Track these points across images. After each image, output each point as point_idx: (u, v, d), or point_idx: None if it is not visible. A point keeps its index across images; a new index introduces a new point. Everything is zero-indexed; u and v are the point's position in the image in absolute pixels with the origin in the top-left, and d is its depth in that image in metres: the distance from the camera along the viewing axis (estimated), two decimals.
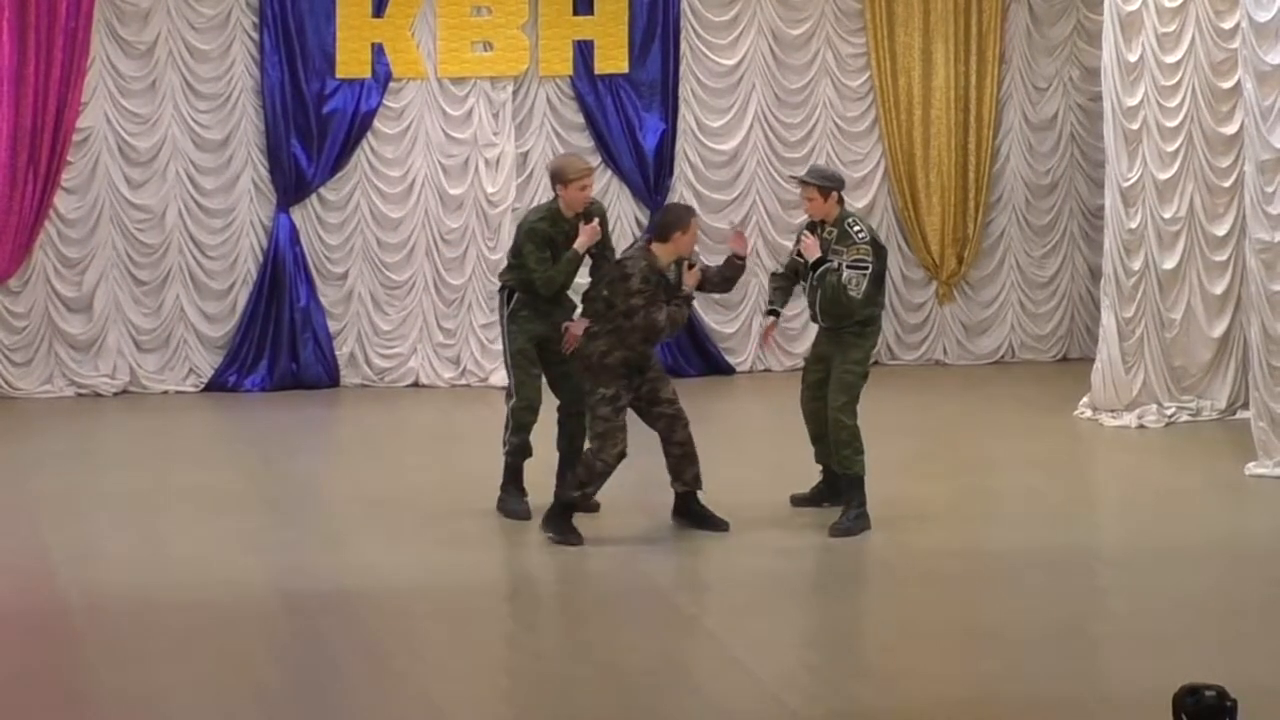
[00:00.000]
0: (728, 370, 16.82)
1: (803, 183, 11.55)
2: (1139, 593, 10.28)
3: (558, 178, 11.41)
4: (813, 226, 11.48)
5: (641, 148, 16.66)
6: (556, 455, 11.58)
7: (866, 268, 11.23)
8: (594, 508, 11.34)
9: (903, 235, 17.15)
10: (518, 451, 11.47)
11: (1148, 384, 14.64)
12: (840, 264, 11.24)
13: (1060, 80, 17.22)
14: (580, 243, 11.30)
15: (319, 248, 16.35)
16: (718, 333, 16.96)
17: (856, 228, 11.36)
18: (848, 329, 11.33)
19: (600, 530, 11.20)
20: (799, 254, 11.55)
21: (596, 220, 11.39)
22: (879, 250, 11.39)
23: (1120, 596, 10.33)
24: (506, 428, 11.50)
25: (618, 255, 11.40)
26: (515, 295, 11.42)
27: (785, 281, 11.80)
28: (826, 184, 11.42)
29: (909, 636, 9.56)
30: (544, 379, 11.52)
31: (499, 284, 11.73)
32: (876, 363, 17.02)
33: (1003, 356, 17.33)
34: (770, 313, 11.85)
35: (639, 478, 11.28)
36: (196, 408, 15.62)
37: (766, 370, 16.80)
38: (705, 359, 16.85)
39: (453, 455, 14.00)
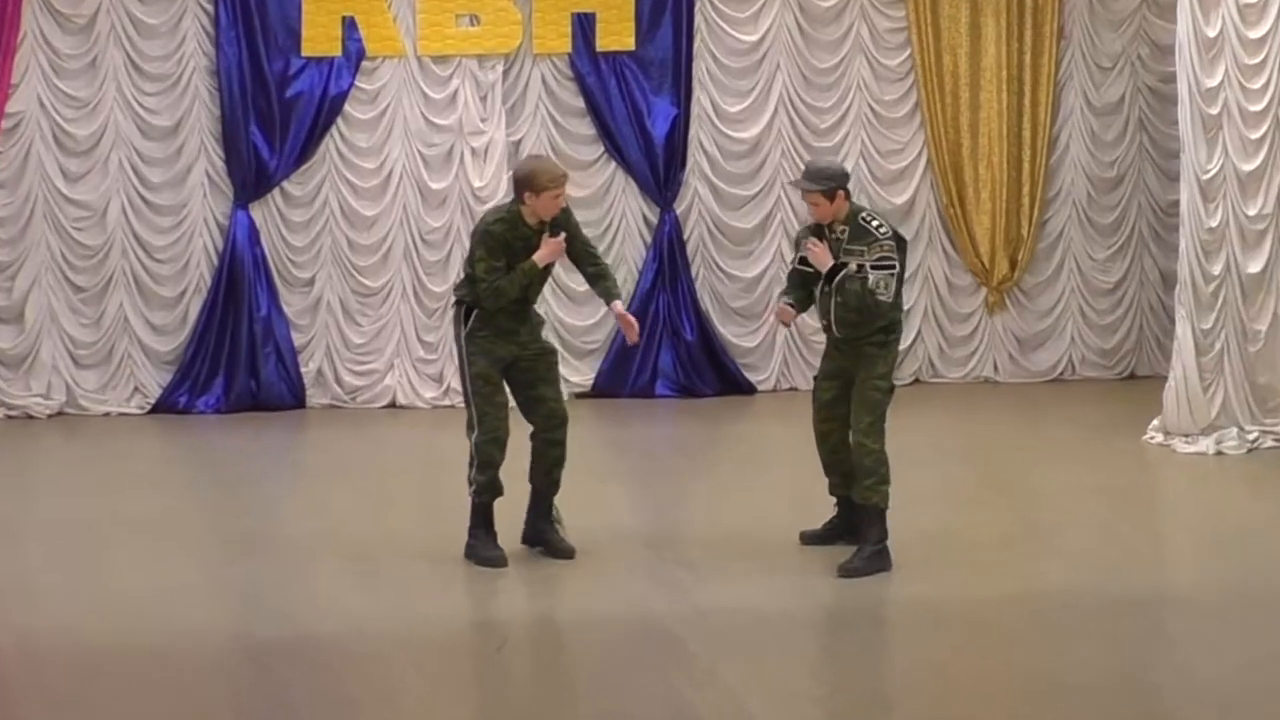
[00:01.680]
0: (748, 389, 16.89)
1: (803, 189, 11.42)
2: (1214, 643, 10.31)
3: (527, 184, 11.28)
4: (816, 229, 11.44)
5: (650, 136, 16.74)
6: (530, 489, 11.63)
7: (893, 267, 11.23)
8: (568, 553, 11.44)
9: (947, 236, 17.24)
10: (486, 490, 11.39)
11: (1227, 405, 14.66)
12: (860, 265, 11.23)
13: (1127, 59, 17.32)
14: (541, 256, 11.25)
15: (282, 249, 16.46)
16: (736, 347, 17.00)
17: (875, 222, 11.31)
18: (867, 339, 11.31)
19: (594, 570, 11.29)
20: (802, 262, 11.47)
21: (563, 235, 11.34)
22: (901, 245, 11.41)
23: (1192, 647, 10.38)
24: (471, 464, 11.43)
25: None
26: (474, 313, 11.37)
27: (803, 285, 11.57)
28: (829, 185, 11.31)
29: (949, 688, 9.62)
30: (511, 406, 11.42)
31: (454, 298, 11.64)
32: (917, 380, 17.22)
33: (1061, 373, 17.42)
34: (788, 304, 11.58)
35: (643, 515, 11.33)
36: (143, 431, 15.71)
37: (792, 389, 16.83)
38: (723, 377, 16.88)
39: (433, 485, 14.06)
